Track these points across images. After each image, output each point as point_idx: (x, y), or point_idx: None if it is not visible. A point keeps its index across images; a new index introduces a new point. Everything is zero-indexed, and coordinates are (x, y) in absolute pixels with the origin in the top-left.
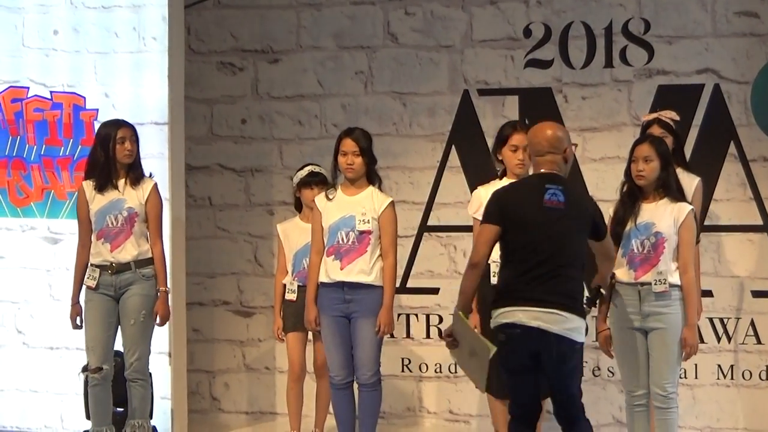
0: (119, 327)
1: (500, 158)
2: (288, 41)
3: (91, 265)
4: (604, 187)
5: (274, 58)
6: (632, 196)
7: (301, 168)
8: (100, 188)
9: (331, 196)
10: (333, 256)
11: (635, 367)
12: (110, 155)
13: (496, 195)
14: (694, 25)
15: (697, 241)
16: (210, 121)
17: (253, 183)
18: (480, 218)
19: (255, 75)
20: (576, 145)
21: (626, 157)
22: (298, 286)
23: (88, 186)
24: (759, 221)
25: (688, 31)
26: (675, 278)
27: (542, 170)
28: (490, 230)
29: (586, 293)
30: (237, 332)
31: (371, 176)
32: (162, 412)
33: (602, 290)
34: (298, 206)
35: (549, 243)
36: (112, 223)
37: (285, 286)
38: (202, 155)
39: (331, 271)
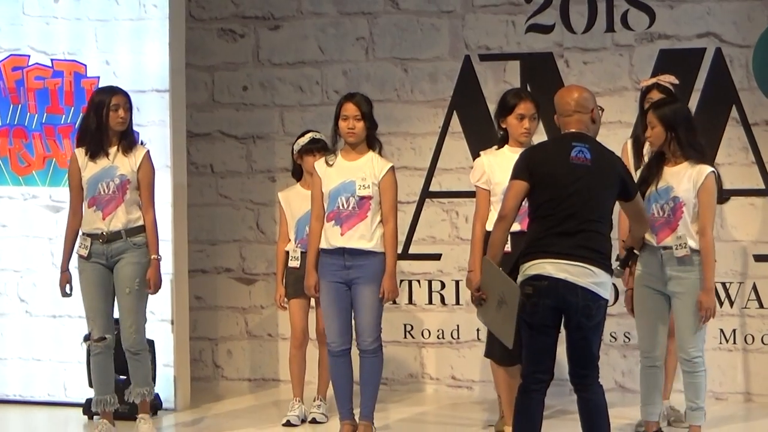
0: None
1: (504, 126)
2: (289, 7)
3: (83, 234)
4: None
5: (275, 24)
6: (657, 159)
7: (302, 135)
8: (92, 155)
9: (331, 162)
10: (333, 222)
11: (651, 328)
12: (103, 122)
13: (525, 153)
14: None
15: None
16: (211, 88)
17: (254, 150)
18: (483, 186)
19: (256, 42)
20: (603, 109)
21: (628, 121)
22: (301, 252)
23: (80, 153)
24: (761, 185)
25: None
26: (695, 242)
27: (569, 129)
28: (519, 186)
29: (617, 254)
30: (239, 299)
31: (371, 141)
32: (165, 380)
33: (635, 251)
34: (297, 173)
35: (576, 198)
36: (103, 191)
37: (288, 253)
38: (203, 122)
39: (331, 237)
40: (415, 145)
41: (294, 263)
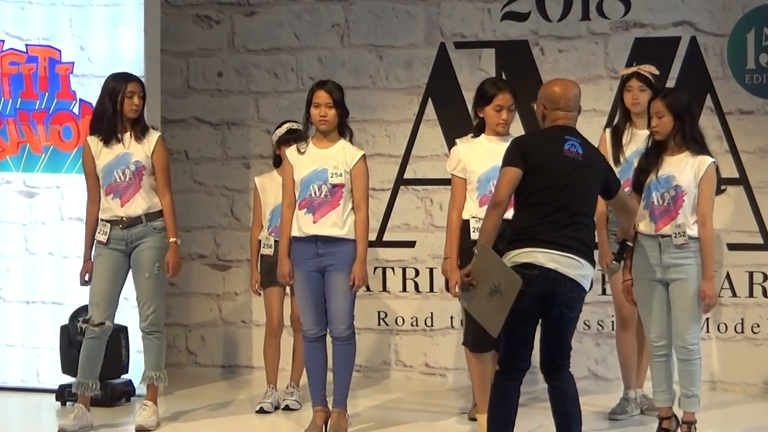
0: (128, 281)
1: (481, 115)
2: None
3: (102, 220)
4: None
5: (251, 10)
6: (656, 149)
7: (280, 125)
8: (106, 142)
9: (302, 149)
10: (305, 210)
11: (657, 318)
12: (117, 109)
13: (517, 141)
14: None
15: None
16: (186, 75)
17: (229, 136)
18: (459, 175)
19: (231, 28)
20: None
21: (602, 110)
22: (274, 240)
23: (93, 141)
24: (735, 174)
25: None
26: (694, 231)
27: (559, 124)
28: (513, 173)
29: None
30: (213, 286)
31: (343, 129)
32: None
33: (628, 243)
34: (277, 162)
35: (568, 190)
36: (120, 178)
37: (260, 241)
38: (178, 108)
39: (303, 225)
40: (389, 132)
41: (267, 251)
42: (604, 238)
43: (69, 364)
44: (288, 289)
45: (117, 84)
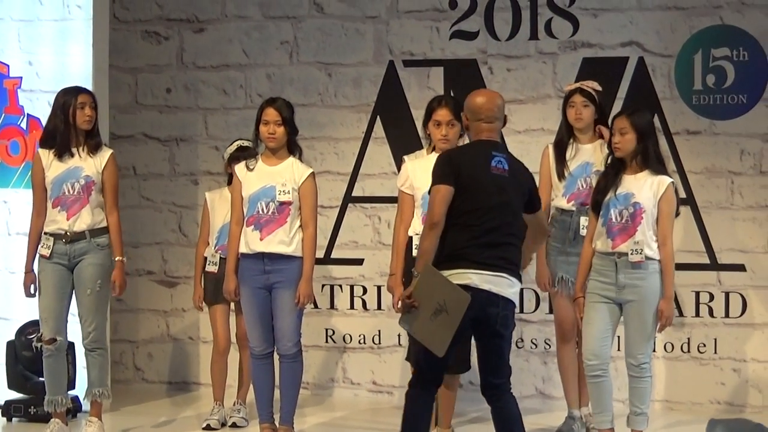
0: (73, 296)
1: (428, 132)
2: (213, 10)
3: (45, 233)
4: (528, 159)
5: (200, 27)
6: (615, 167)
7: (231, 143)
8: (60, 155)
9: (251, 166)
10: (253, 227)
11: (595, 336)
12: (69, 122)
13: (448, 156)
14: None
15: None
16: (135, 90)
17: (177, 153)
18: (406, 191)
19: (180, 44)
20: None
21: (550, 129)
22: (220, 258)
23: (45, 153)
24: (682, 194)
25: (613, 3)
26: (651, 251)
27: (483, 137)
28: (445, 190)
29: None
30: (161, 302)
31: (292, 147)
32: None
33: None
34: (231, 180)
35: (498, 209)
36: (68, 191)
37: (206, 258)
38: (126, 124)
39: (251, 241)
40: (338, 149)
41: (212, 268)
42: (543, 258)
43: (15, 380)
44: (233, 306)
45: (67, 97)
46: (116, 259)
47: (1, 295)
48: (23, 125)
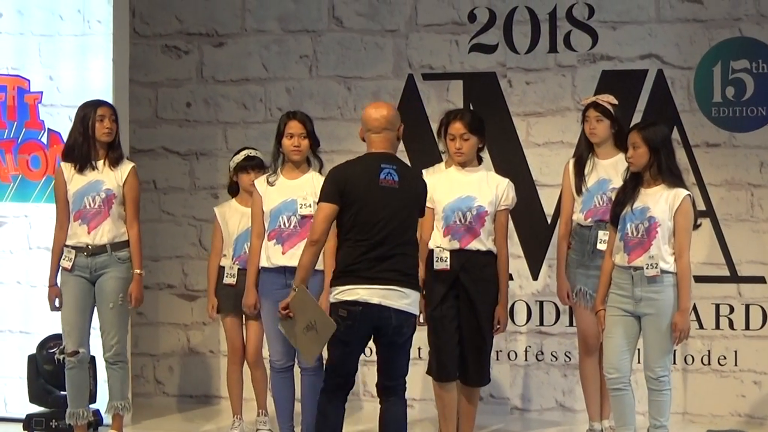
0: (95, 309)
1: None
2: (233, 25)
3: (67, 246)
4: (547, 172)
5: (219, 41)
6: (633, 181)
7: (237, 152)
8: (81, 169)
9: (272, 180)
10: (274, 241)
11: (615, 349)
12: (89, 134)
13: (333, 174)
14: (638, 10)
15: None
16: (155, 105)
17: (197, 166)
18: (428, 205)
19: (200, 58)
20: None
21: (570, 142)
22: (238, 269)
23: (67, 167)
24: (702, 206)
25: (631, 16)
26: (667, 264)
27: (374, 150)
28: (329, 209)
29: None
30: (181, 316)
31: (313, 159)
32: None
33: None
34: (233, 190)
35: (387, 222)
36: (89, 205)
37: (223, 269)
38: (146, 138)
39: (272, 255)
40: None
41: (230, 280)
42: (562, 270)
43: (36, 393)
44: (243, 317)
45: (87, 110)
46: (135, 272)
47: (22, 309)
48: (44, 140)
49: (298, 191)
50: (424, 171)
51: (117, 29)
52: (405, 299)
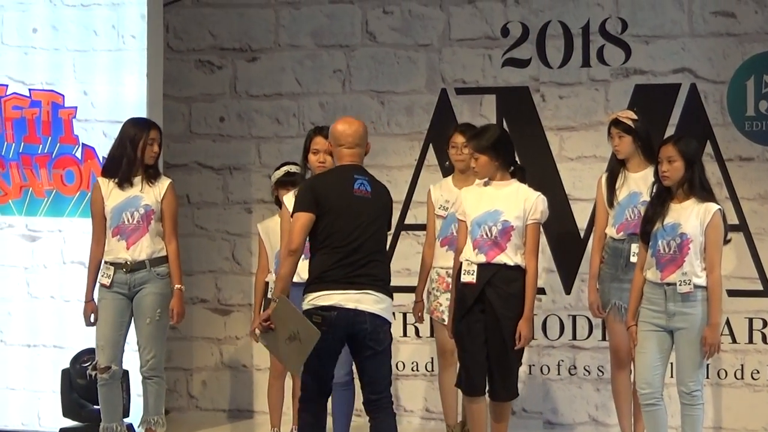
0: (131, 325)
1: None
2: (266, 39)
3: (106, 262)
4: (581, 186)
5: (253, 56)
6: (661, 196)
7: (279, 167)
8: (120, 185)
9: None
10: (303, 256)
11: (648, 365)
12: (137, 155)
13: (308, 184)
14: (671, 24)
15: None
16: (188, 120)
17: (231, 181)
18: (461, 218)
19: (233, 73)
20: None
21: (603, 156)
22: None
23: (104, 182)
24: (735, 221)
25: (665, 30)
26: (699, 279)
27: (345, 162)
28: (305, 218)
29: None
30: (215, 330)
31: None
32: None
33: None
34: (279, 204)
35: (360, 231)
36: (128, 221)
37: (267, 284)
38: (180, 153)
39: (301, 271)
40: (391, 177)
41: None
42: (594, 284)
43: (70, 408)
44: None
45: (138, 131)
46: (175, 287)
47: (55, 324)
48: (78, 154)
49: None
50: (431, 186)
51: (151, 44)
52: (380, 304)
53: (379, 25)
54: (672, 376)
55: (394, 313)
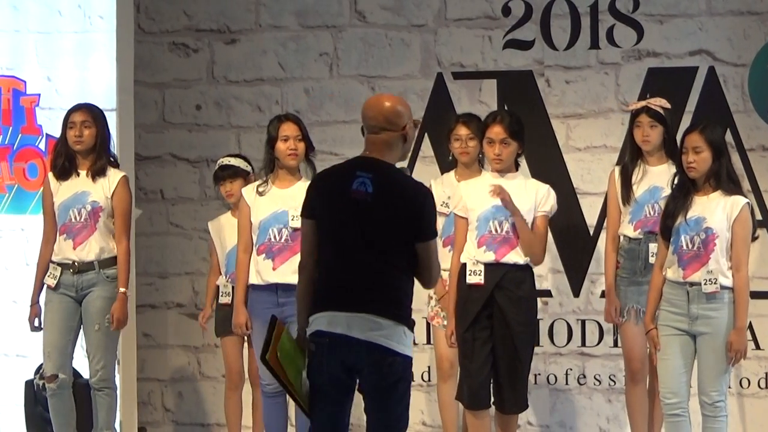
0: (80, 331)
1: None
2: (246, 20)
3: (52, 262)
4: (589, 179)
5: (231, 38)
6: (683, 188)
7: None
8: (60, 176)
9: (261, 189)
10: (264, 255)
11: (672, 372)
12: (65, 142)
13: (311, 182)
14: (687, 2)
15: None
16: (162, 107)
17: (208, 174)
18: (461, 214)
19: (210, 57)
20: (419, 121)
21: (613, 146)
22: (233, 287)
23: (52, 177)
24: (758, 215)
25: (680, 9)
26: (726, 279)
27: (367, 153)
28: (306, 226)
29: None
30: (191, 337)
31: (306, 166)
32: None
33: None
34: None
35: (355, 240)
36: (75, 218)
37: (218, 287)
38: (153, 144)
39: (262, 271)
40: None
41: (225, 299)
42: (612, 288)
43: (34, 421)
44: (246, 339)
45: (67, 115)
46: (120, 290)
47: (18, 331)
48: (41, 146)
49: (290, 201)
50: (432, 181)
51: (120, 26)
52: (377, 330)
53: (369, 4)
54: (691, 386)
55: None
